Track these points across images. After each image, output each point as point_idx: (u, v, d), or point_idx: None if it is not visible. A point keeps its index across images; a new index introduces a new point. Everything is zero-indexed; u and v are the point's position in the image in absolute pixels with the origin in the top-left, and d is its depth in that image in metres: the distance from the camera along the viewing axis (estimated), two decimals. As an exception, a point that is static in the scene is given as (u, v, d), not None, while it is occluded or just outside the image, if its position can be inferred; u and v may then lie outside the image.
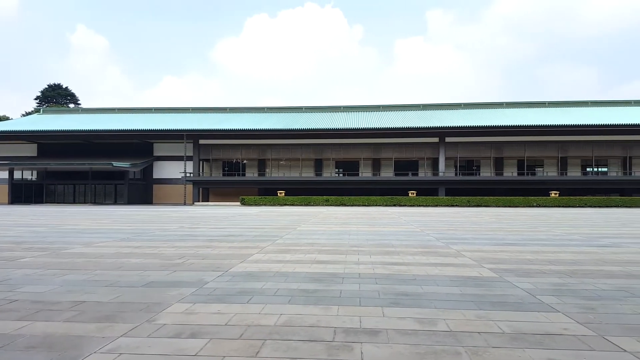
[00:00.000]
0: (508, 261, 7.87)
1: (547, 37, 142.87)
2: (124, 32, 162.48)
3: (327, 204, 42.07)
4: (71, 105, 78.42)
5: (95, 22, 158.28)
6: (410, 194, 43.22)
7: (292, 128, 43.92)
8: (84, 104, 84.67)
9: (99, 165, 44.16)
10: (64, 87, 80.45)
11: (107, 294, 5.28)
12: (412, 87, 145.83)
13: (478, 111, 49.88)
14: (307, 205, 41.07)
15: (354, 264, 7.52)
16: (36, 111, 58.60)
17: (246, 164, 51.12)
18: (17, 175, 49.16)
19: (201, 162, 49.29)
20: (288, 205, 41.90)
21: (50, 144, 50.31)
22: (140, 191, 49.30)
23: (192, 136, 46.29)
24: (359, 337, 3.74)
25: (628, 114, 44.66)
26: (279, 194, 44.40)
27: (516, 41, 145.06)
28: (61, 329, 3.93)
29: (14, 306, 4.68)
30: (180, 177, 47.19)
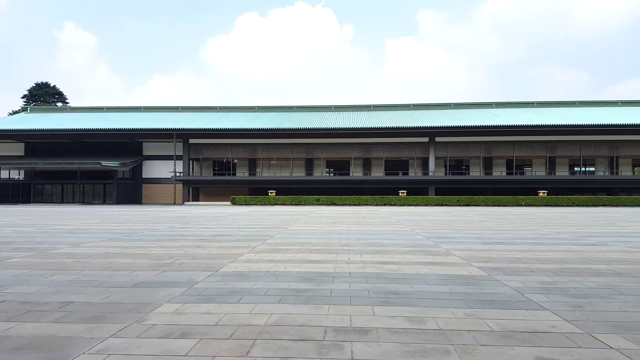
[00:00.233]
0: (497, 260, 7.94)
1: (537, 38, 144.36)
2: (113, 30, 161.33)
3: (318, 203, 42.10)
4: (59, 104, 77.52)
5: (84, 20, 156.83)
6: (400, 194, 43.40)
7: (282, 127, 43.87)
8: (72, 102, 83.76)
9: (87, 164, 43.69)
10: (51, 85, 79.52)
11: (95, 294, 5.24)
12: (402, 87, 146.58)
13: (468, 111, 50.22)
14: (298, 205, 41.05)
15: (345, 263, 7.54)
16: (23, 110, 57.86)
17: (237, 164, 50.96)
18: (4, 174, 48.52)
19: (191, 162, 49.03)
20: (279, 204, 41.84)
21: (37, 143, 49.73)
22: (130, 191, 48.90)
23: (182, 135, 46.03)
24: (350, 336, 3.75)
25: (615, 115, 45.27)
26: (269, 193, 44.33)
27: (506, 42, 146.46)
28: (49, 330, 3.89)
29: (1, 307, 4.62)
30: (170, 177, 46.89)
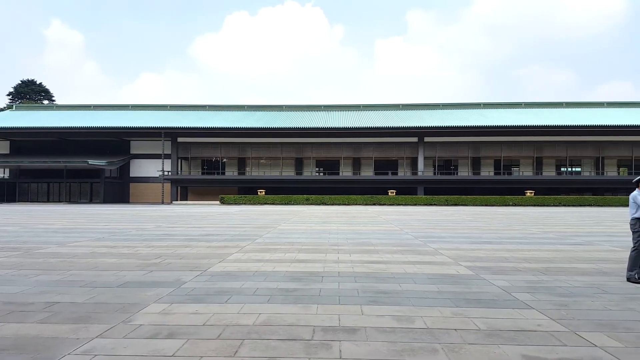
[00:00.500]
0: (484, 259, 8.01)
1: (525, 39, 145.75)
2: (100, 27, 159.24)
3: (308, 203, 42.08)
4: (45, 102, 76.45)
5: (71, 17, 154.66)
6: (389, 193, 43.55)
7: (272, 127, 43.74)
8: (58, 100, 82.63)
9: (74, 163, 43.15)
10: (38, 83, 78.38)
11: (82, 294, 5.19)
12: (392, 87, 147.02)
13: (456, 111, 50.53)
14: (288, 204, 41.01)
15: (334, 262, 7.55)
16: (8, 107, 56.94)
17: (226, 163, 50.70)
18: (-12, 173, 47.75)
19: (180, 161, 48.66)
20: (268, 204, 41.76)
21: (23, 141, 49.02)
22: (117, 190, 48.41)
23: (171, 134, 45.66)
24: (338, 335, 3.76)
25: (601, 115, 45.87)
26: (259, 193, 44.20)
27: (495, 42, 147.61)
28: (34, 331, 3.85)
29: (-16, 308, 4.55)
30: (158, 176, 46.47)
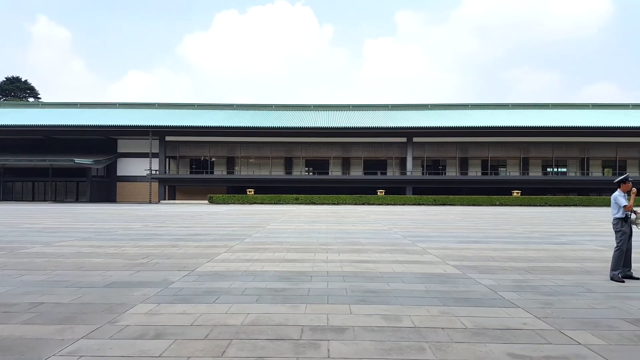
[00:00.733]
0: (471, 258, 8.08)
1: (512, 41, 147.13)
2: (87, 24, 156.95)
3: (297, 202, 42.05)
4: (31, 99, 75.29)
5: (58, 13, 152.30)
6: (379, 193, 43.70)
7: (262, 126, 43.62)
8: (44, 98, 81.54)
9: (59, 161, 42.57)
10: (23, 80, 77.18)
11: (67, 294, 5.13)
12: (381, 87, 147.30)
13: (444, 112, 50.88)
14: (277, 204, 40.95)
15: (323, 262, 7.56)
16: (-8, 105, 56.01)
17: (214, 162, 50.43)
18: (-28, 171, 46.90)
19: (167, 160, 48.29)
20: (257, 203, 41.65)
21: (8, 139, 48.21)
22: (104, 189, 47.88)
23: (158, 132, 45.28)
24: (326, 334, 3.76)
25: (586, 117, 46.53)
26: (248, 192, 44.05)
27: (482, 43, 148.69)
28: (18, 332, 3.79)
29: (-33, 309, 4.48)
30: (145, 175, 46.05)
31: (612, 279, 6.13)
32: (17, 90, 75.97)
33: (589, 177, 45.45)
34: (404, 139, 46.05)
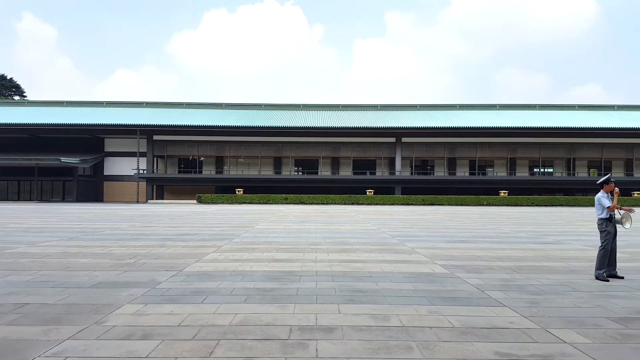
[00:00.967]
0: (459, 258, 8.14)
1: (500, 43, 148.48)
2: (74, 21, 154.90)
3: (286, 202, 41.99)
4: (16, 98, 74.20)
5: (44, 10, 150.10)
6: (368, 193, 43.81)
7: (251, 125, 43.46)
8: (30, 96, 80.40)
9: (46, 160, 42.01)
10: (8, 78, 75.96)
11: (53, 295, 5.07)
12: (370, 87, 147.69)
13: (433, 112, 51.18)
14: (266, 204, 40.85)
15: (312, 262, 7.56)
16: (-24, 103, 55.02)
17: (203, 161, 50.14)
18: (-45, 170, 46.04)
19: (155, 159, 47.88)
20: (246, 203, 41.51)
21: (-8, 137, 47.54)
22: (90, 188, 47.35)
23: (146, 132, 44.87)
24: (315, 334, 3.77)
25: (572, 118, 47.11)
26: (237, 192, 43.86)
27: (471, 44, 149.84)
28: (2, 333, 3.74)
29: (-51, 310, 4.40)
30: (133, 174, 45.62)
31: (597, 278, 6.22)
32: (2, 89, 74.79)
33: (575, 178, 46.05)
34: (393, 139, 46.23)
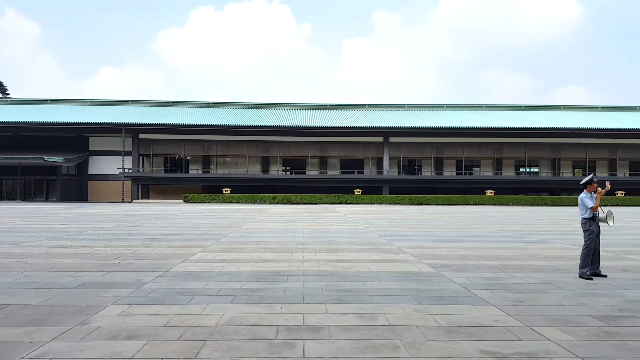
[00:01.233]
0: (446, 257, 8.21)
1: (486, 44, 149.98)
2: (58, 18, 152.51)
3: (274, 201, 41.89)
4: (-2, 95, 72.91)
5: (27, 7, 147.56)
6: (356, 192, 43.91)
7: (238, 124, 43.25)
8: (13, 94, 78.90)
9: (29, 159, 41.35)
10: (-11, 75, 74.68)
11: (36, 296, 4.99)
12: (358, 87, 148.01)
13: (420, 112, 51.51)
14: (254, 203, 40.70)
15: (299, 261, 7.55)
16: (-43, 100, 53.92)
17: (190, 160, 49.78)
18: None
19: (141, 158, 47.37)
20: (234, 203, 41.31)
21: (-27, 136, 46.64)
22: (75, 188, 46.71)
23: (132, 130, 44.39)
24: (302, 334, 3.76)
25: (558, 118, 47.78)
26: (224, 191, 43.62)
27: (458, 46, 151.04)
28: (-18, 335, 3.67)
29: None
30: (118, 174, 45.09)
31: (581, 276, 6.31)
32: (-17, 86, 73.29)
33: (560, 177, 46.70)
34: (380, 139, 46.39)
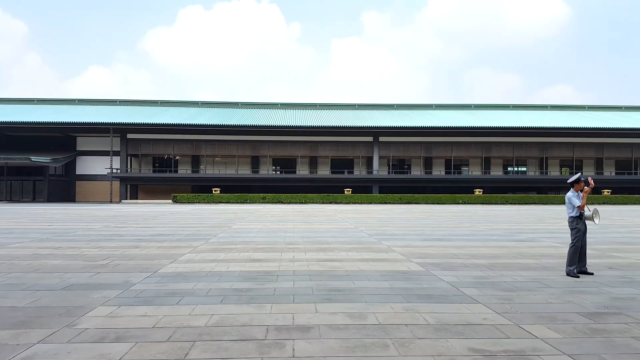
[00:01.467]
0: (435, 256, 8.25)
1: (475, 44, 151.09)
2: (44, 17, 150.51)
3: (264, 201, 41.79)
4: (-17, 94, 71.81)
5: (13, 5, 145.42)
6: (346, 192, 43.99)
7: (228, 124, 43.06)
8: (-3, 93, 77.82)
9: (15, 159, 40.79)
10: (-26, 74, 73.60)
11: (23, 298, 4.92)
12: (348, 87, 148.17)
13: (410, 112, 51.75)
14: (244, 203, 40.57)
15: (289, 261, 7.55)
16: (-60, 99, 53.00)
17: (179, 160, 49.46)
18: None
19: (129, 158, 46.94)
20: (223, 203, 41.14)
21: (-43, 136, 45.86)
22: (62, 188, 46.17)
23: (120, 130, 43.95)
24: (291, 333, 3.76)
25: (545, 118, 48.32)
26: (214, 191, 43.40)
27: (446, 45, 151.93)
28: (-33, 339, 3.61)
29: None
30: (106, 174, 44.64)
31: (568, 274, 6.39)
32: (-33, 85, 72.12)
33: (547, 177, 47.17)
34: (370, 139, 46.50)
